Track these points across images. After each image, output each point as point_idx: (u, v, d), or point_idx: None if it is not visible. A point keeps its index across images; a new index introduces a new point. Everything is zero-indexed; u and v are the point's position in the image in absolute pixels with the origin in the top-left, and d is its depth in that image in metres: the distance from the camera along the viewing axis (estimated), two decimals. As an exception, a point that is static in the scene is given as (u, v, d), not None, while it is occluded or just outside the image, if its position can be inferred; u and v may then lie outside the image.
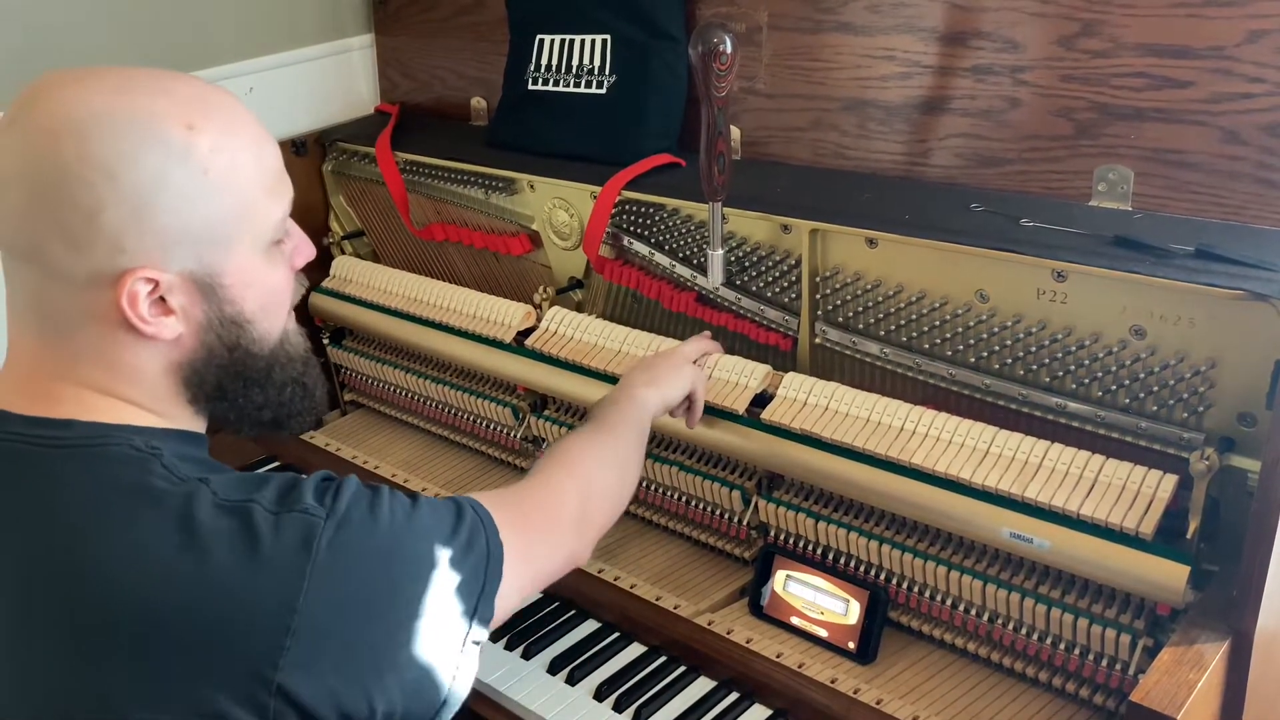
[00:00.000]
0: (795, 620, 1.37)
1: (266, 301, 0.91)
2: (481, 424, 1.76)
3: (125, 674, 0.79)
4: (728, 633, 1.36)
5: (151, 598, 0.79)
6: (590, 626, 1.42)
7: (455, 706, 0.93)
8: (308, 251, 0.97)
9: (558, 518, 1.11)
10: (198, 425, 0.93)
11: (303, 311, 1.95)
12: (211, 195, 0.84)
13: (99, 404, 0.87)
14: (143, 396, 0.88)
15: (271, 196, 0.89)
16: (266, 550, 0.81)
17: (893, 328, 1.37)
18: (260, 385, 0.92)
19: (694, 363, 1.40)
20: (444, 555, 0.91)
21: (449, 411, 1.81)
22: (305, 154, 1.99)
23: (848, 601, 1.34)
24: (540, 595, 1.48)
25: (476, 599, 0.93)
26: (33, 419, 0.85)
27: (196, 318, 0.87)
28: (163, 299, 0.84)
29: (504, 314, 1.67)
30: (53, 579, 0.81)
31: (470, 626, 0.93)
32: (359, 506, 0.86)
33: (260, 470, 1.12)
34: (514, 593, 0.99)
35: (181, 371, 0.88)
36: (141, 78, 0.85)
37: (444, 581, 0.90)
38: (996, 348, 1.29)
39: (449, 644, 0.91)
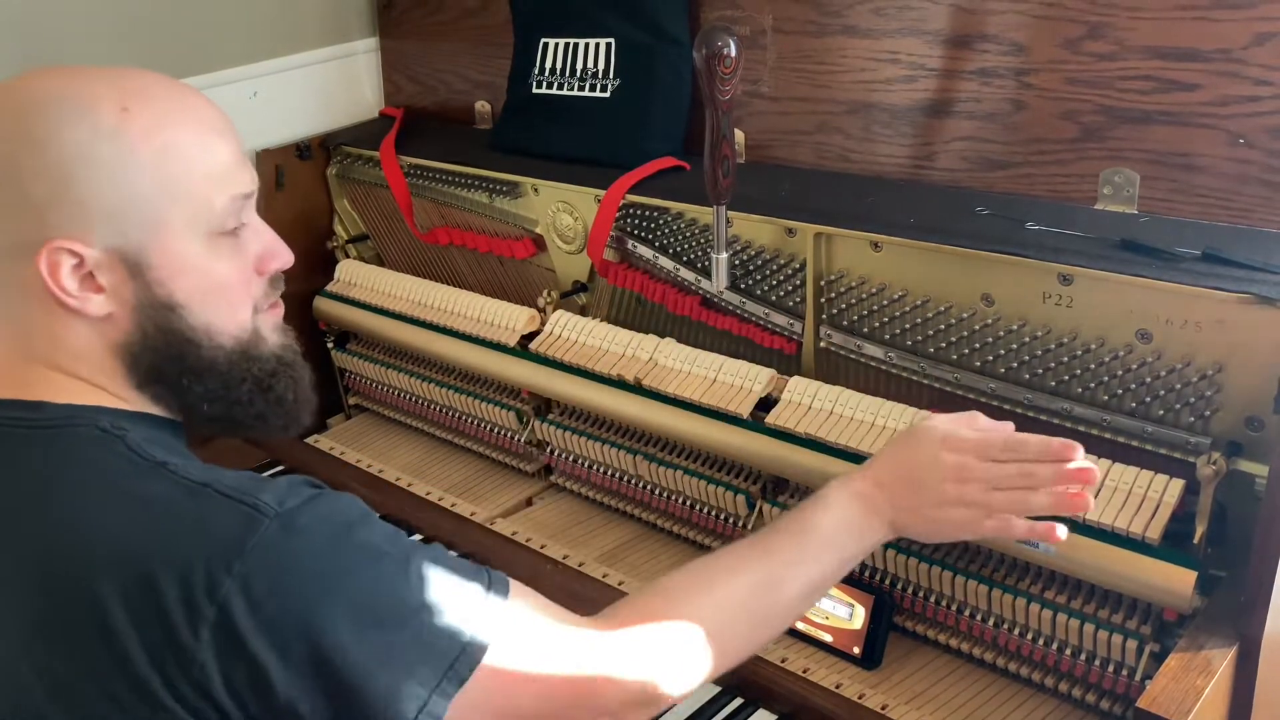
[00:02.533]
0: (800, 625, 1.37)
1: (205, 290, 0.89)
2: (485, 428, 1.76)
3: (73, 653, 0.79)
4: (732, 637, 1.36)
5: (88, 569, 0.79)
6: (594, 631, 1.42)
7: None
8: (282, 257, 0.96)
9: (590, 698, 0.89)
10: (164, 412, 0.92)
11: (306, 315, 1.96)
12: (138, 174, 0.85)
13: (66, 385, 0.88)
14: (96, 377, 0.89)
15: (214, 185, 0.89)
16: (203, 532, 0.79)
17: (897, 331, 1.36)
18: (201, 376, 0.90)
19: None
20: (399, 617, 0.81)
21: (453, 415, 1.81)
22: (310, 158, 1.99)
23: (853, 606, 1.33)
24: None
25: (430, 686, 0.81)
26: (5, 401, 0.87)
27: (126, 297, 0.87)
28: (91, 275, 0.85)
29: (508, 318, 1.67)
30: (15, 559, 0.82)
31: (422, 708, 0.80)
32: (326, 520, 0.82)
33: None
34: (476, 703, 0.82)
35: (120, 352, 0.89)
36: (100, 71, 0.88)
37: (382, 642, 0.80)
38: (1002, 351, 1.28)
39: (376, 711, 0.80)
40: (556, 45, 1.73)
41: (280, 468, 1.82)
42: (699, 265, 1.54)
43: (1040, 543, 1.13)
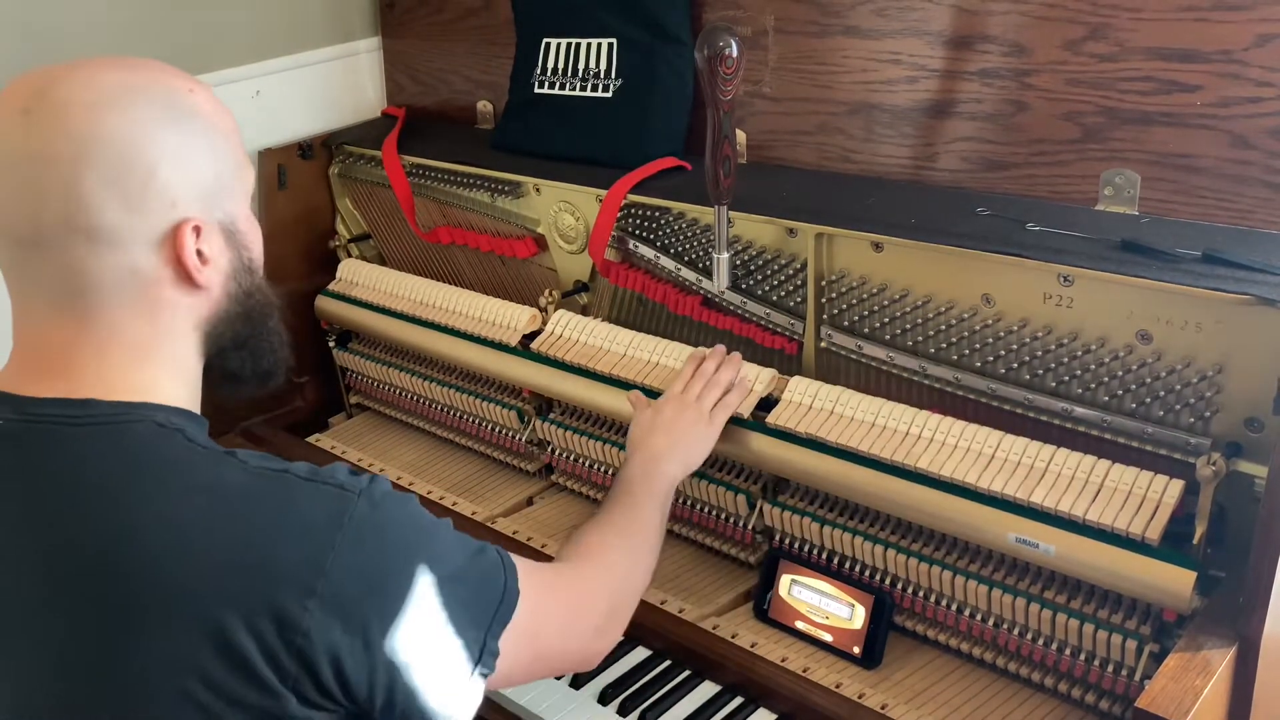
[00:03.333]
0: (800, 625, 1.37)
1: (261, 249, 0.99)
2: (486, 427, 1.77)
3: (160, 645, 0.80)
4: (733, 637, 1.36)
5: (183, 564, 0.81)
6: (595, 630, 1.42)
7: None
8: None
9: (581, 614, 1.10)
10: (197, 402, 0.95)
11: (308, 314, 1.96)
12: (220, 150, 0.92)
13: (119, 382, 0.88)
14: (167, 365, 0.91)
15: (246, 156, 0.97)
16: (298, 515, 0.84)
17: (898, 332, 1.36)
18: (266, 330, 0.99)
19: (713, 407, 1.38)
20: (463, 570, 0.93)
21: (454, 414, 1.81)
22: (311, 157, 1.99)
23: (853, 606, 1.34)
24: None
25: (485, 629, 0.94)
26: (52, 400, 0.87)
27: (223, 267, 0.93)
28: (199, 251, 0.90)
29: (509, 317, 1.67)
30: (84, 557, 0.82)
31: (479, 654, 0.93)
32: (391, 495, 0.90)
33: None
34: (512, 656, 0.97)
35: (206, 325, 0.93)
36: (133, 60, 0.92)
37: (458, 594, 0.91)
38: (1002, 352, 1.28)
39: (456, 658, 0.91)
40: (558, 45, 1.74)
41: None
42: (700, 265, 1.54)
43: (1039, 542, 1.14)
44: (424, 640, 0.89)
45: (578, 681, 1.33)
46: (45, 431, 0.86)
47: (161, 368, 0.91)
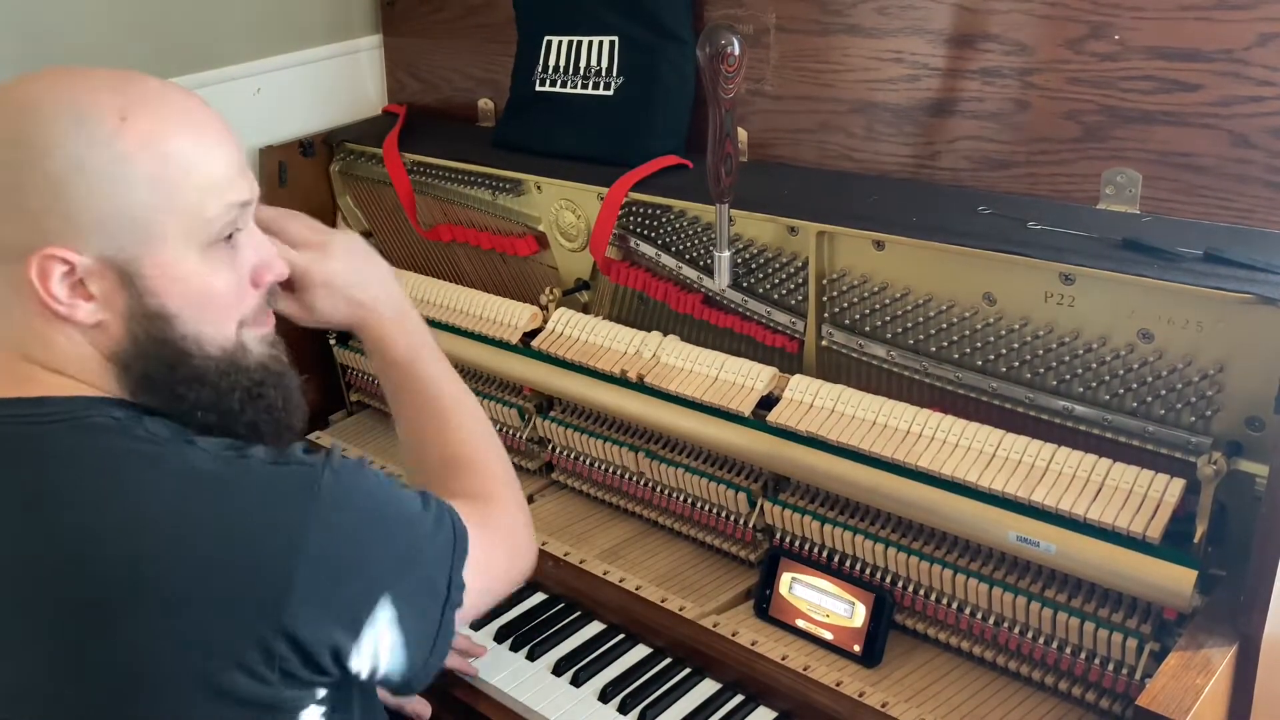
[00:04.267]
0: (800, 623, 1.37)
1: (198, 301, 0.90)
2: (487, 425, 1.76)
3: (144, 641, 0.80)
4: (733, 635, 1.36)
5: (160, 556, 0.81)
6: (595, 628, 1.42)
7: (435, 671, 0.97)
8: (276, 269, 0.98)
9: (511, 522, 1.12)
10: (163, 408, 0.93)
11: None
12: (134, 185, 0.84)
13: (62, 382, 0.88)
14: (93, 378, 0.89)
15: (210, 194, 0.88)
16: (271, 499, 0.85)
17: (899, 330, 1.37)
18: (194, 385, 0.91)
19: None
20: (421, 519, 0.96)
21: (455, 412, 1.81)
22: (312, 155, 1.99)
23: (853, 604, 1.34)
24: (545, 596, 1.48)
25: (449, 568, 0.96)
26: (4, 400, 0.87)
27: (118, 306, 0.87)
28: (82, 283, 0.86)
29: (510, 315, 1.67)
30: (56, 557, 0.82)
31: (448, 593, 0.96)
32: (348, 463, 0.91)
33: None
34: (472, 589, 0.99)
35: (113, 359, 0.89)
36: (104, 76, 0.87)
37: (424, 541, 0.95)
38: (1003, 351, 1.28)
39: (432, 602, 0.95)
40: (560, 43, 1.74)
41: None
42: (701, 263, 1.54)
43: (1040, 541, 1.14)
44: (406, 596, 0.91)
45: (578, 679, 1.33)
46: (4, 431, 0.86)
47: (90, 379, 0.89)
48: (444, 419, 1.17)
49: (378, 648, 0.90)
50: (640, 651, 1.38)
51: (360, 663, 0.89)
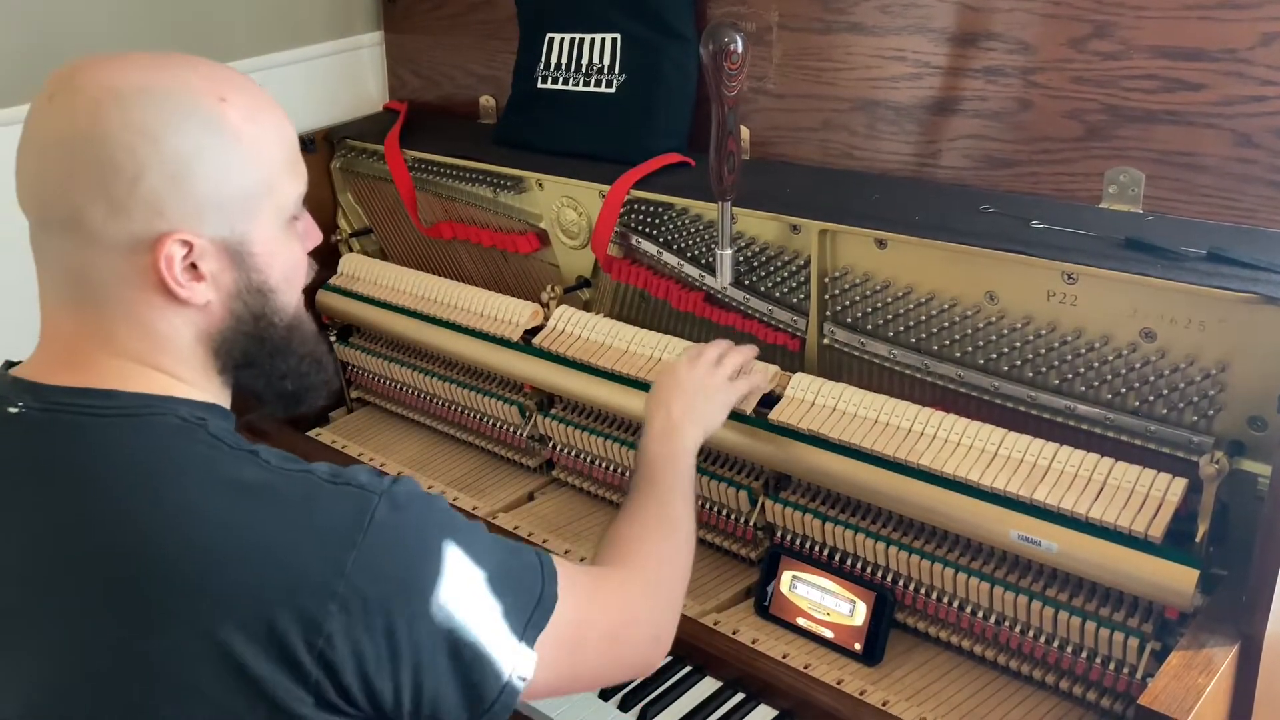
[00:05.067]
0: (801, 621, 1.37)
1: (288, 273, 0.94)
2: (488, 422, 1.76)
3: (176, 641, 0.80)
4: (734, 633, 1.36)
5: (202, 559, 0.80)
6: (596, 625, 1.42)
7: None
8: (316, 236, 1.01)
9: (631, 622, 1.04)
10: (226, 401, 0.95)
11: (309, 308, 1.95)
12: (243, 165, 0.87)
13: (140, 375, 0.88)
14: (179, 367, 0.90)
15: (292, 173, 0.93)
16: (320, 516, 0.84)
17: (901, 329, 1.36)
18: (283, 354, 0.95)
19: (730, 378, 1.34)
20: (493, 571, 0.90)
21: (456, 409, 1.81)
22: (314, 151, 1.99)
23: (854, 603, 1.34)
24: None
25: (519, 634, 0.91)
26: (74, 389, 0.87)
27: (226, 285, 0.89)
28: (194, 265, 0.87)
29: (511, 312, 1.67)
30: (102, 550, 0.82)
31: (513, 659, 0.90)
32: (417, 496, 0.89)
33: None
34: (551, 665, 0.93)
35: (212, 341, 0.91)
36: (171, 57, 0.89)
37: (488, 594, 0.89)
38: (1006, 349, 1.28)
39: (486, 663, 0.88)
40: (562, 40, 1.73)
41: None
42: (703, 261, 1.54)
43: (1042, 540, 1.14)
44: (452, 643, 0.87)
45: (579, 677, 1.33)
46: (68, 421, 0.85)
47: (174, 368, 0.90)
48: (655, 524, 1.17)
49: (419, 695, 0.86)
50: (641, 649, 1.38)
51: (397, 704, 0.85)
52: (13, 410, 0.86)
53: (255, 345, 0.93)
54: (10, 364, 0.93)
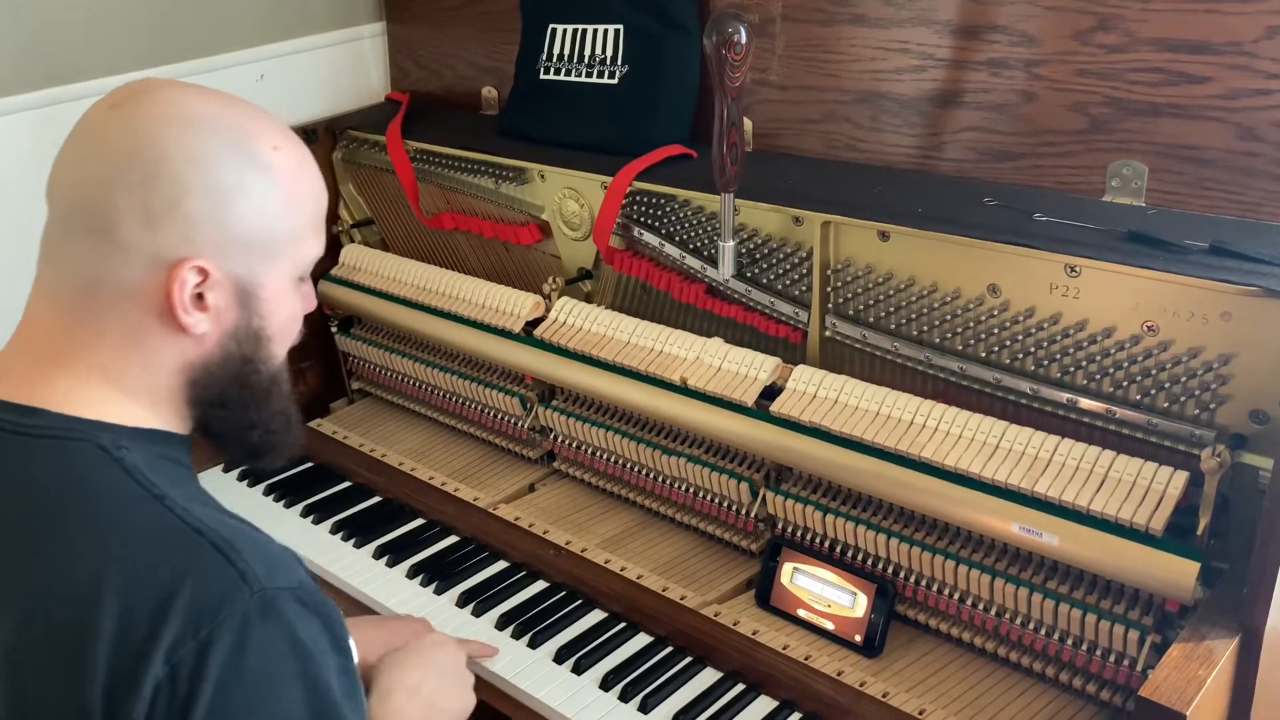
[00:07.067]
0: (802, 613, 1.37)
1: (286, 325, 0.96)
2: (489, 413, 1.76)
3: (53, 678, 0.80)
4: (734, 624, 1.36)
5: (81, 602, 0.80)
6: (596, 616, 1.42)
7: None
8: (313, 302, 1.02)
9: None
10: (181, 427, 0.94)
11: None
12: (279, 212, 0.90)
13: (75, 392, 0.88)
14: (144, 390, 0.90)
15: (316, 234, 0.96)
16: (189, 586, 0.80)
17: (904, 321, 1.36)
18: (258, 404, 0.95)
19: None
20: None
21: (457, 401, 1.81)
22: (315, 142, 1.98)
23: (855, 595, 1.34)
24: (546, 584, 1.48)
25: None
26: (7, 404, 0.88)
27: (226, 322, 0.90)
28: (202, 295, 0.88)
29: (513, 304, 1.67)
30: (8, 568, 0.83)
31: None
32: (292, 611, 0.82)
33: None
34: None
35: (194, 371, 0.91)
36: (238, 100, 0.93)
37: None
38: (1008, 342, 1.28)
39: None
40: (565, 31, 1.73)
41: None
42: (705, 253, 1.54)
43: (1043, 532, 1.15)
44: None
45: (579, 667, 1.33)
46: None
47: (129, 391, 0.89)
48: None
49: None
50: (641, 640, 1.38)
51: None
52: None
53: (235, 388, 0.93)
54: None
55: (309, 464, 1.78)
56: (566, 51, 1.73)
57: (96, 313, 0.88)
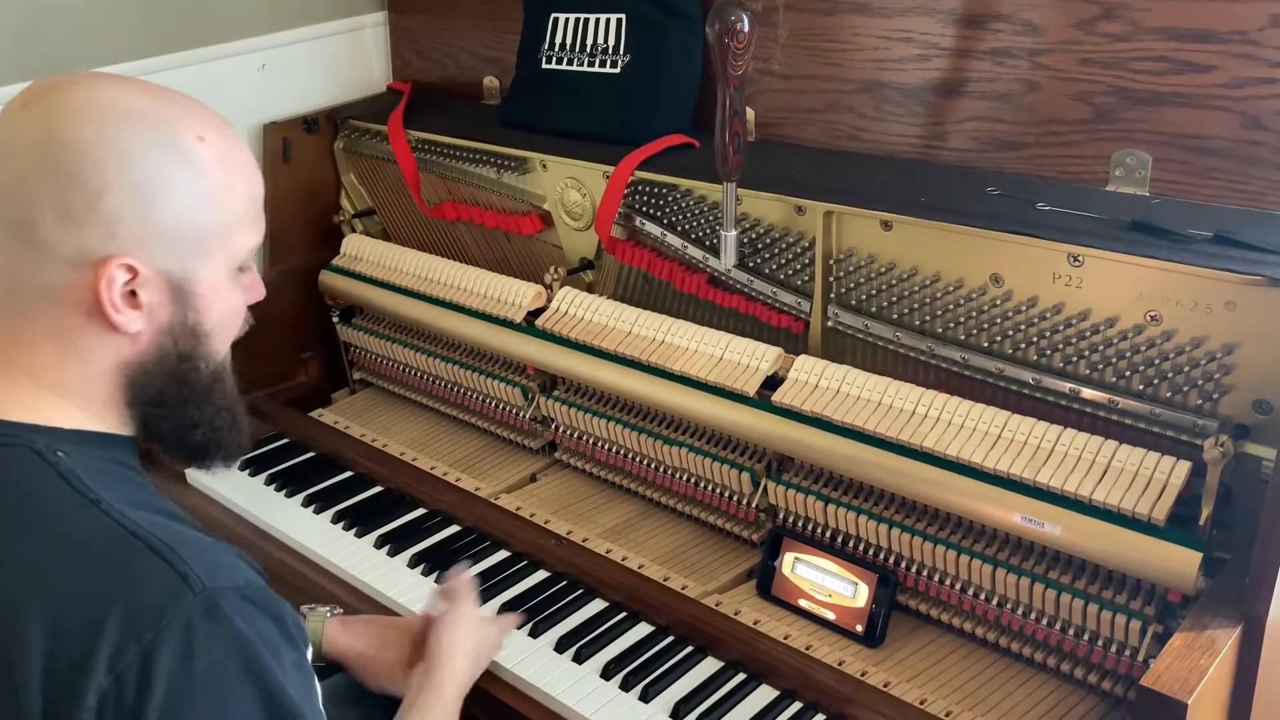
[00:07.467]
0: (803, 602, 1.37)
1: (226, 319, 0.94)
2: (490, 404, 1.76)
3: (16, 678, 0.77)
4: (735, 614, 1.36)
5: (14, 608, 0.78)
6: (598, 605, 1.42)
7: None
8: (259, 291, 0.99)
9: None
10: (125, 429, 0.92)
11: (312, 289, 1.96)
12: (205, 204, 0.88)
13: (16, 398, 0.87)
14: (80, 392, 0.88)
15: (251, 224, 0.93)
16: (128, 590, 0.78)
17: (906, 311, 1.36)
18: (198, 403, 0.93)
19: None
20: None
21: (458, 391, 1.81)
22: (317, 131, 1.99)
23: (856, 584, 1.34)
24: (548, 574, 1.48)
25: None
26: None
27: (160, 319, 0.88)
28: (134, 292, 0.86)
29: (514, 294, 1.67)
30: None
31: None
32: (237, 612, 0.80)
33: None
34: None
35: (130, 370, 0.89)
36: (160, 89, 0.90)
37: None
38: (1010, 332, 1.28)
39: None
40: (566, 20, 1.73)
41: (285, 439, 1.82)
42: (707, 243, 1.54)
43: (1045, 522, 1.15)
44: None
45: (580, 656, 1.33)
46: None
47: (67, 394, 0.88)
48: None
49: None
50: (642, 630, 1.38)
51: None
52: None
53: (173, 386, 0.91)
54: None
55: (310, 454, 1.78)
56: (568, 41, 1.73)
57: (26, 316, 0.86)
